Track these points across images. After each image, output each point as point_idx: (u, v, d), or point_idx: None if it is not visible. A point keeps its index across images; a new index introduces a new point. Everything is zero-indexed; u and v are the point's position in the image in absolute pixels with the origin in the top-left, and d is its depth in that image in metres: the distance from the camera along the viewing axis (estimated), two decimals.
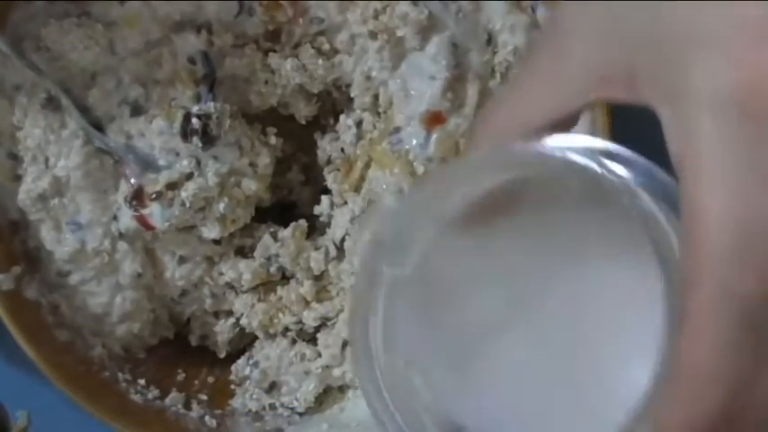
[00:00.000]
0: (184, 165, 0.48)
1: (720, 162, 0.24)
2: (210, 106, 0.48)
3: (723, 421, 0.25)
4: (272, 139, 0.51)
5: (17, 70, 0.47)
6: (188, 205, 0.48)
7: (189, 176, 0.48)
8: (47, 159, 0.48)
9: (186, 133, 0.48)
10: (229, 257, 0.52)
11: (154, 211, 0.48)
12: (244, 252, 0.52)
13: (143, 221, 0.48)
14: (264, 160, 0.50)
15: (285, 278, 0.53)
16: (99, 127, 0.49)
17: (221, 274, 0.52)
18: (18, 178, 0.48)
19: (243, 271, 0.51)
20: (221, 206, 0.49)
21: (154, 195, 0.48)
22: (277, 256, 0.51)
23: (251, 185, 0.50)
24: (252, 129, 0.51)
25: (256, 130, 0.51)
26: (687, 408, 0.25)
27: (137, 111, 0.49)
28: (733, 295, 0.24)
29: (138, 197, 0.48)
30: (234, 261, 0.52)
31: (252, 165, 0.50)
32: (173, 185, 0.48)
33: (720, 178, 0.24)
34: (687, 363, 0.25)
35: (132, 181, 0.48)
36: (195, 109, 0.48)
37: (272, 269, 0.52)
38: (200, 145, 0.48)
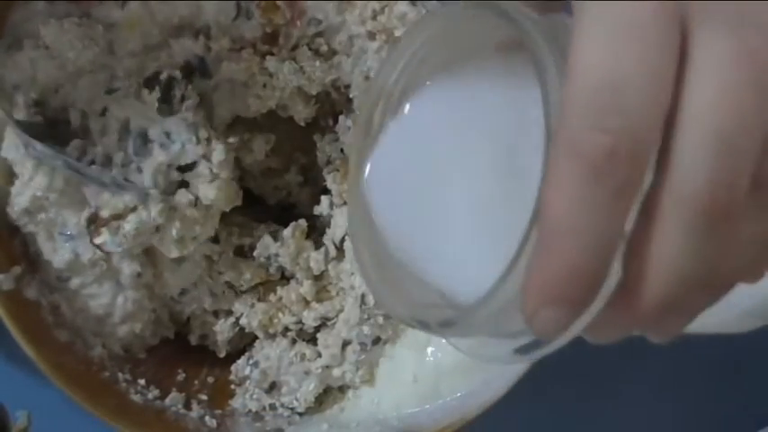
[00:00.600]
0: (127, 200, 0.47)
1: (599, 18, 0.25)
2: (180, 78, 0.48)
3: (577, 278, 0.25)
4: (232, 139, 0.51)
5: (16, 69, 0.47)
6: (130, 238, 0.48)
7: (134, 209, 0.48)
8: (23, 174, 0.48)
9: (150, 83, 0.47)
10: (228, 257, 0.52)
11: (105, 238, 0.48)
12: (243, 252, 0.52)
13: (98, 246, 0.48)
14: (219, 156, 0.49)
15: (285, 278, 0.53)
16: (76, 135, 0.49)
17: (220, 273, 0.52)
18: None
19: (243, 271, 0.51)
20: (173, 231, 0.48)
21: (103, 222, 0.48)
22: (277, 255, 0.52)
23: (209, 193, 0.49)
24: (218, 129, 0.51)
25: (218, 130, 0.51)
26: (544, 258, 0.26)
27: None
28: (582, 151, 0.24)
29: (94, 221, 0.48)
30: (233, 260, 0.52)
31: (206, 157, 0.49)
32: (117, 216, 0.48)
33: (594, 35, 0.25)
34: (545, 217, 0.25)
35: (91, 203, 0.48)
36: (167, 70, 0.48)
37: (272, 269, 0.52)
38: (156, 104, 0.47)
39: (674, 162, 0.25)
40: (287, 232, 0.51)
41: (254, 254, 0.52)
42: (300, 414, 0.51)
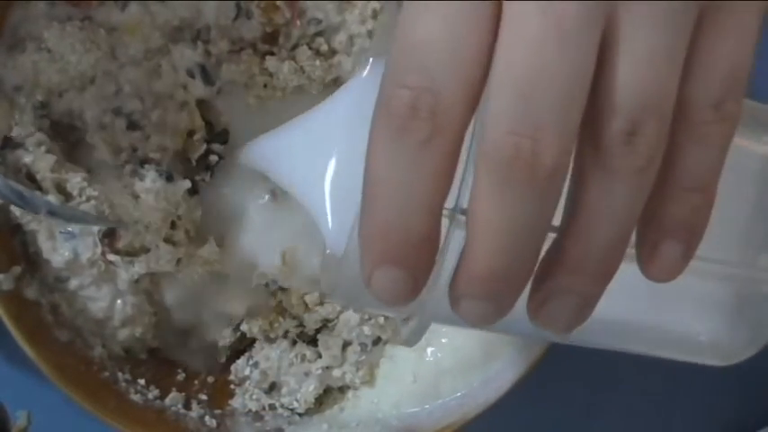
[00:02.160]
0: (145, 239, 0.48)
1: None
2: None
3: (395, 236, 0.26)
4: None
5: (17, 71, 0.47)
6: (138, 278, 0.48)
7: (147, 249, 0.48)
8: None
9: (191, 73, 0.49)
10: None
11: (116, 260, 0.48)
12: None
13: (110, 261, 0.48)
14: None
15: None
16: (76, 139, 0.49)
17: None
18: None
19: None
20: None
21: (116, 249, 0.48)
22: None
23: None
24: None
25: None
26: (365, 216, 0.26)
27: (132, 126, 0.49)
28: (389, 108, 0.25)
29: (109, 236, 0.48)
30: None
31: None
32: (130, 252, 0.48)
33: (412, 4, 0.26)
34: (365, 174, 0.26)
35: None
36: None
37: None
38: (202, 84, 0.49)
39: (484, 116, 0.25)
40: None
41: None
42: (300, 414, 0.51)
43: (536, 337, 0.39)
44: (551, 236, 0.27)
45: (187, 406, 0.50)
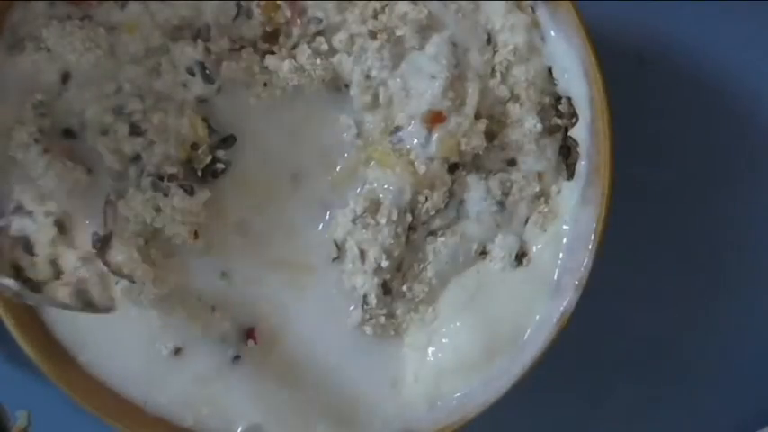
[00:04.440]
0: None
1: None
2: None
3: None
4: None
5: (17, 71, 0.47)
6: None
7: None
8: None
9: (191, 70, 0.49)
10: None
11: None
12: None
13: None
14: None
15: None
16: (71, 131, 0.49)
17: None
18: None
19: None
20: None
21: (107, 261, 0.47)
22: None
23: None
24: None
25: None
26: None
27: (134, 129, 0.49)
28: None
29: (106, 241, 0.47)
30: None
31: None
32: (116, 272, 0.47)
33: None
34: None
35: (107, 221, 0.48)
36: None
37: None
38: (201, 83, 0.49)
39: None
40: None
41: None
42: None
43: None
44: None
45: None
